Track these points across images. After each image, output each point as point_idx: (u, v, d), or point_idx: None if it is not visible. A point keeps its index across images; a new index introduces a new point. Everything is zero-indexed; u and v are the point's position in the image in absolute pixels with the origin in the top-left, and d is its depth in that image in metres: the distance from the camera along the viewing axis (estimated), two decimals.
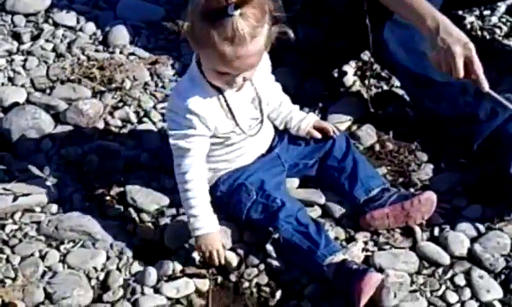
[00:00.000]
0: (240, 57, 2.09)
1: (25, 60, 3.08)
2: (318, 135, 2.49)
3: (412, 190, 2.50)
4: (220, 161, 2.36)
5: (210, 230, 2.25)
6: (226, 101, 2.26)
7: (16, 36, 3.19)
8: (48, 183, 2.51)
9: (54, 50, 3.14)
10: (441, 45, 2.34)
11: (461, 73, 2.34)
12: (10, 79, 2.99)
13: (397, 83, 2.91)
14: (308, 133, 2.50)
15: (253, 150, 2.41)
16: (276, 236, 2.26)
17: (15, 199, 2.43)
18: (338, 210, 2.43)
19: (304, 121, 2.49)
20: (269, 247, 2.27)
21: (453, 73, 2.35)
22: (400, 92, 2.88)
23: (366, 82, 2.93)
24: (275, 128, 2.50)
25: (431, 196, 2.37)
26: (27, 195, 2.46)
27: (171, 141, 2.26)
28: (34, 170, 2.58)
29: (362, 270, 2.15)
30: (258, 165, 2.41)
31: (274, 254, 2.27)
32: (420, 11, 2.39)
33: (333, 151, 2.48)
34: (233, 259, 2.29)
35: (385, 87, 2.95)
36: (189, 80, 2.27)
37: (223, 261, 2.26)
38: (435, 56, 2.38)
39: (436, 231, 2.38)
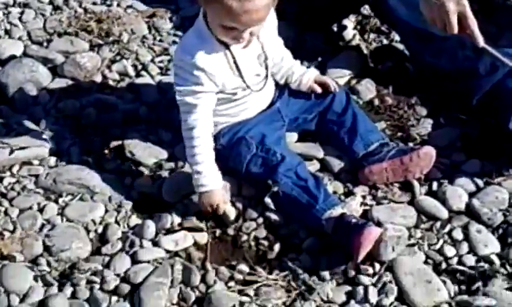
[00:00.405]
0: (247, 11, 2.07)
1: (22, 12, 3.06)
2: (319, 90, 2.48)
3: (411, 144, 2.50)
4: (222, 115, 2.35)
5: (214, 187, 2.25)
6: (233, 57, 2.24)
7: None
8: (46, 136, 2.51)
9: (50, 2, 3.12)
10: (434, 1, 2.32)
11: (455, 29, 2.33)
12: (7, 32, 2.98)
13: (397, 37, 2.90)
14: (309, 88, 2.49)
15: (256, 105, 2.40)
16: (275, 189, 2.26)
17: (11, 152, 2.42)
18: (336, 164, 2.43)
19: (306, 75, 2.48)
20: (267, 200, 2.27)
21: (447, 29, 2.34)
22: (400, 46, 2.87)
23: (365, 36, 2.91)
24: (275, 82, 2.48)
25: (429, 151, 2.36)
26: (24, 148, 2.45)
27: (177, 97, 2.25)
28: (32, 123, 2.56)
29: (361, 224, 2.15)
30: (259, 119, 2.40)
31: (273, 207, 2.27)
32: None
33: (332, 105, 2.47)
34: (232, 213, 2.29)
35: (385, 42, 2.94)
36: (196, 36, 2.24)
37: (221, 213, 2.26)
38: (429, 13, 2.37)
39: (435, 185, 2.37)
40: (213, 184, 2.25)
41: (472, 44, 2.40)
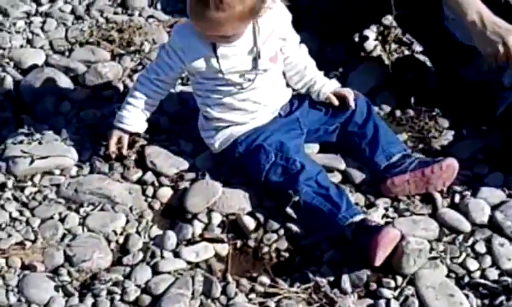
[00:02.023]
0: (209, 20, 2.14)
1: (44, 22, 3.07)
2: (336, 102, 2.47)
3: (432, 156, 2.48)
4: (230, 110, 2.37)
5: (133, 130, 2.42)
6: (214, 48, 2.27)
7: None
8: (67, 145, 2.51)
9: (72, 12, 3.13)
10: (494, 39, 2.36)
11: None
12: (29, 41, 2.99)
13: (418, 48, 2.88)
14: (327, 99, 2.47)
15: (262, 103, 2.39)
16: (296, 199, 2.25)
17: (32, 162, 2.43)
18: (358, 176, 2.42)
19: (325, 86, 2.47)
20: (289, 210, 2.26)
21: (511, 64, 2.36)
22: (422, 57, 2.85)
23: (387, 47, 2.90)
24: (295, 91, 2.48)
25: (452, 163, 2.35)
26: (45, 157, 2.45)
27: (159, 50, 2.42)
28: (53, 133, 2.57)
29: (380, 226, 2.15)
30: (276, 127, 2.40)
31: (294, 217, 2.26)
32: (463, 3, 2.40)
33: (354, 116, 2.47)
34: (252, 224, 2.28)
35: (406, 53, 2.92)
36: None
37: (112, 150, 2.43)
38: (487, 50, 2.39)
39: (457, 198, 2.36)
40: (135, 127, 2.41)
41: None
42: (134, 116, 2.42)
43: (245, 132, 2.38)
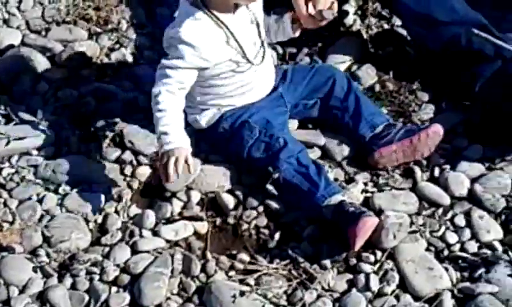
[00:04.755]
0: None
1: (20, 1, 3.03)
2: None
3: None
4: (225, 97, 2.35)
5: (181, 145, 2.19)
6: (226, 26, 2.24)
7: None
8: (44, 126, 2.49)
9: None
10: None
11: None
12: (5, 21, 2.96)
13: (398, 22, 2.87)
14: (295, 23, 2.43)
15: (258, 86, 2.38)
16: (276, 176, 2.24)
17: (8, 143, 2.41)
18: (338, 151, 2.41)
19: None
20: (269, 187, 2.26)
21: None
22: (401, 31, 2.84)
23: (366, 21, 2.88)
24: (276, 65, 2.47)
25: (438, 130, 2.35)
26: (23, 138, 2.43)
27: (158, 66, 2.25)
28: (30, 113, 2.55)
29: (358, 213, 2.12)
30: (262, 104, 2.39)
31: (275, 193, 2.26)
32: None
33: (334, 91, 2.45)
34: (231, 202, 2.28)
35: (386, 27, 2.91)
36: (184, 15, 2.25)
37: (180, 171, 2.17)
38: None
39: (437, 171, 2.36)
40: (180, 143, 2.19)
41: (475, 30, 2.39)
42: (182, 133, 2.24)
43: (232, 109, 2.37)
